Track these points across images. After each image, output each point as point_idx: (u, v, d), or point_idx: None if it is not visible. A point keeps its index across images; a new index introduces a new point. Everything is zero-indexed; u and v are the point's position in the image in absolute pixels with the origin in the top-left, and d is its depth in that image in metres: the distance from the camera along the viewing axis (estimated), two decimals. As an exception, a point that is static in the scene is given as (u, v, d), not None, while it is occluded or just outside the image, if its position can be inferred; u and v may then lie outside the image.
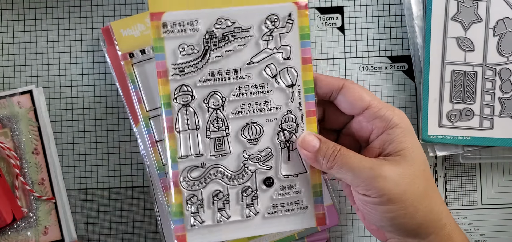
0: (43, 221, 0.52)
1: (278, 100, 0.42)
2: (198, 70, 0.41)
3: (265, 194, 0.43)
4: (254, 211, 0.43)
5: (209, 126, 0.42)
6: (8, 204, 0.50)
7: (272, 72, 0.42)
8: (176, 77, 0.41)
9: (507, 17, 0.51)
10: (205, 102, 0.42)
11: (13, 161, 0.51)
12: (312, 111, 0.42)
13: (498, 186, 0.55)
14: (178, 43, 0.41)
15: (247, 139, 0.42)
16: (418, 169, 0.39)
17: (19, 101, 0.52)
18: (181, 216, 0.42)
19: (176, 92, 0.41)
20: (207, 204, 0.42)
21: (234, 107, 0.42)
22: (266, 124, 0.42)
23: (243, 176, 0.42)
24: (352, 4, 0.54)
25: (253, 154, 0.42)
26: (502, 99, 0.51)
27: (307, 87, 0.42)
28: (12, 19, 0.54)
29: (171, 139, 0.42)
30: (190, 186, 0.42)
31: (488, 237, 0.55)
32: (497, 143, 0.51)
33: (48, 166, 0.52)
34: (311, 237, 0.52)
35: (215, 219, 0.42)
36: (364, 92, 0.41)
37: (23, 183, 0.51)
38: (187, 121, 0.42)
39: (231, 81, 0.42)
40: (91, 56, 0.54)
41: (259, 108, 0.42)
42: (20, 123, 0.52)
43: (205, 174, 0.42)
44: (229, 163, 0.42)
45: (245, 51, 0.42)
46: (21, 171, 0.52)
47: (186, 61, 0.41)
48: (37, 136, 0.52)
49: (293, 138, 0.42)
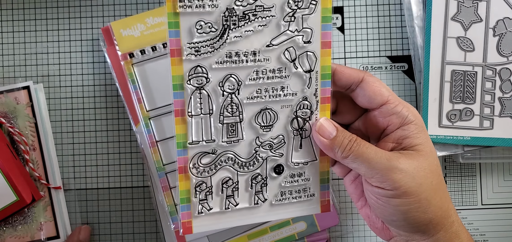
0: (39, 216, 0.52)
1: (295, 86, 0.40)
2: (215, 50, 0.38)
3: (274, 182, 0.42)
4: (262, 198, 0.42)
5: (223, 111, 0.40)
6: (27, 185, 0.50)
7: (291, 56, 0.40)
8: (191, 57, 0.38)
9: (507, 17, 0.51)
10: (220, 86, 0.39)
11: (23, 147, 0.51)
12: (327, 99, 0.41)
13: (498, 186, 0.55)
14: (195, 20, 0.38)
15: (261, 125, 0.41)
16: (432, 163, 0.39)
17: (16, 97, 0.52)
18: (187, 203, 0.41)
19: (191, 73, 0.38)
20: (216, 191, 0.41)
21: (250, 92, 0.40)
22: (281, 111, 0.41)
23: (254, 163, 0.41)
24: (352, 4, 0.54)
25: (266, 141, 0.41)
26: (502, 99, 0.51)
27: (325, 73, 0.40)
28: (12, 19, 0.54)
29: (182, 123, 0.39)
30: (199, 173, 0.40)
31: (488, 237, 0.55)
32: (497, 143, 0.51)
33: (45, 162, 0.52)
34: (311, 237, 0.52)
35: (223, 207, 0.41)
36: (383, 87, 0.41)
37: (32, 169, 0.51)
38: (200, 105, 0.39)
39: (249, 64, 0.39)
40: (91, 56, 0.54)
41: (275, 93, 0.40)
42: (17, 118, 0.52)
43: (216, 161, 0.41)
44: (241, 149, 0.41)
45: (265, 33, 0.39)
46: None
47: (202, 41, 0.38)
48: (34, 132, 0.52)
49: (307, 125, 0.41)
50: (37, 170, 0.52)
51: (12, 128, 0.51)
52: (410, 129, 0.40)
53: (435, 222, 0.39)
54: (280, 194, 0.42)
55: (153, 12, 0.52)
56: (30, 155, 0.51)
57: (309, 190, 0.42)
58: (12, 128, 0.51)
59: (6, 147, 0.50)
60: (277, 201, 0.42)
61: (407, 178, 0.38)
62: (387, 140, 0.41)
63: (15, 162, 0.50)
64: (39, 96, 0.53)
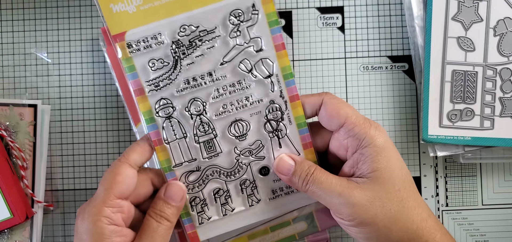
0: (15, 236, 0.51)
1: (259, 93, 0.42)
2: (173, 81, 0.41)
3: (263, 182, 0.44)
4: (256, 200, 0.44)
5: (196, 131, 0.42)
6: (22, 203, 0.50)
7: (247, 67, 0.41)
8: (153, 92, 0.41)
9: (507, 17, 0.51)
10: (187, 110, 0.42)
11: (21, 162, 0.51)
12: (296, 96, 0.42)
13: (498, 186, 0.55)
14: (147, 59, 0.41)
15: (235, 135, 0.42)
16: (391, 190, 0.38)
17: (21, 112, 0.52)
18: (188, 216, 0.44)
19: (157, 106, 0.41)
20: (210, 202, 0.43)
21: (216, 109, 0.42)
22: (251, 118, 0.42)
23: (238, 171, 0.43)
24: (353, 4, 0.54)
25: (244, 149, 0.43)
26: (503, 99, 0.51)
27: (286, 74, 0.42)
28: (12, 19, 0.54)
29: (162, 151, 0.42)
30: (190, 189, 0.43)
31: (489, 237, 0.55)
32: (497, 143, 0.51)
33: (34, 183, 0.51)
34: (311, 237, 0.52)
35: (221, 213, 0.44)
36: (341, 108, 0.39)
37: (27, 186, 0.51)
38: (173, 131, 0.42)
39: (208, 84, 0.41)
40: (91, 56, 0.54)
41: (241, 104, 0.42)
42: (18, 134, 0.51)
43: (202, 176, 0.43)
44: (223, 161, 0.43)
45: (216, 52, 0.41)
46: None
47: (159, 76, 0.41)
48: (31, 151, 0.52)
49: (281, 126, 0.42)
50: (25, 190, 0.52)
51: (13, 143, 0.51)
52: (367, 152, 0.38)
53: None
54: (271, 192, 0.44)
55: None
56: (26, 171, 0.51)
57: None
58: (13, 142, 0.51)
59: (6, 162, 0.50)
60: (271, 199, 0.44)
61: (360, 211, 0.37)
62: (347, 164, 0.40)
63: (13, 177, 0.50)
64: (45, 118, 0.52)
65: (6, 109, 0.51)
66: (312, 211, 0.52)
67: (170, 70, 0.41)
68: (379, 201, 0.37)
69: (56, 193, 0.54)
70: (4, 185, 0.48)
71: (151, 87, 0.41)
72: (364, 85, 0.54)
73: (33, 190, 0.51)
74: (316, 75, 0.54)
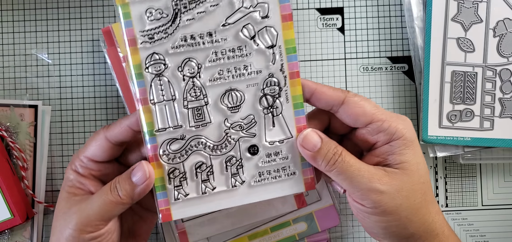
0: (16, 236, 0.51)
1: (258, 63, 0.39)
2: (169, 36, 0.38)
3: (250, 162, 0.40)
4: (240, 181, 0.41)
5: (186, 95, 0.39)
6: (22, 204, 0.50)
7: (250, 33, 0.39)
8: (146, 45, 0.38)
9: (507, 18, 0.51)
10: (179, 71, 0.38)
11: (21, 163, 0.51)
12: (296, 73, 0.40)
13: (498, 187, 0.55)
14: (144, 7, 0.37)
15: (228, 106, 0.39)
16: (417, 182, 0.39)
17: (22, 113, 0.52)
18: (163, 190, 0.40)
19: (147, 61, 0.38)
20: (190, 176, 0.40)
21: (211, 74, 0.39)
22: (247, 90, 0.39)
23: (226, 146, 0.40)
24: (352, 5, 0.54)
25: (235, 122, 0.40)
26: (502, 100, 0.51)
27: (289, 47, 0.39)
28: (12, 20, 0.54)
29: (146, 112, 0.39)
30: (170, 159, 0.39)
31: (489, 238, 0.55)
32: (497, 143, 0.51)
33: (34, 185, 0.51)
34: (311, 237, 0.52)
35: (200, 191, 0.40)
36: (366, 106, 0.39)
37: (27, 186, 0.51)
38: (161, 92, 0.38)
39: (206, 46, 0.38)
40: (92, 57, 0.54)
41: (238, 73, 0.39)
42: (18, 135, 0.51)
43: (186, 146, 0.40)
44: (210, 133, 0.40)
45: (219, 12, 0.38)
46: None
47: (155, 27, 0.38)
48: (31, 152, 0.52)
49: (277, 102, 0.40)
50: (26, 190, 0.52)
51: (13, 143, 0.51)
52: (397, 144, 0.39)
53: (417, 236, 0.39)
54: (258, 174, 0.41)
55: None
56: (26, 172, 0.51)
57: (288, 168, 0.41)
58: (13, 143, 0.51)
59: (6, 162, 0.50)
60: (256, 182, 0.41)
61: (386, 199, 0.38)
62: (374, 154, 0.40)
63: (13, 178, 0.50)
64: (45, 119, 0.52)
65: (6, 110, 0.51)
66: (312, 212, 0.52)
67: (168, 23, 0.38)
68: (405, 192, 0.38)
69: (57, 193, 0.54)
70: (5, 186, 0.48)
71: (144, 39, 0.38)
72: (364, 86, 0.54)
73: (34, 191, 0.51)
74: (316, 76, 0.54)
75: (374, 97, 0.54)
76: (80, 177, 0.40)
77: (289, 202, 0.51)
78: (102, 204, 0.38)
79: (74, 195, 0.40)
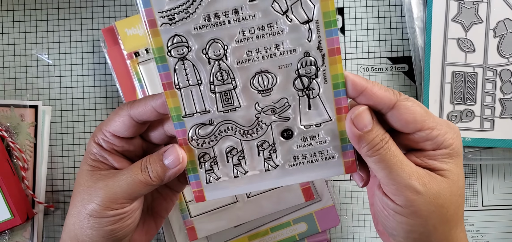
0: (16, 236, 0.51)
1: (292, 41, 0.35)
2: (191, 15, 0.34)
3: (284, 146, 0.37)
4: (274, 165, 0.38)
5: (213, 79, 0.36)
6: (23, 204, 0.50)
7: (282, 7, 0.34)
8: (166, 27, 0.34)
9: (507, 18, 0.51)
10: (204, 53, 0.35)
11: (22, 163, 0.51)
12: (336, 50, 0.35)
13: (499, 188, 0.55)
14: None
15: (258, 89, 0.36)
16: (454, 193, 0.37)
17: (22, 113, 0.52)
18: (195, 173, 0.38)
19: (169, 44, 0.35)
20: (221, 161, 0.38)
21: (239, 55, 0.35)
22: (279, 71, 0.36)
23: (257, 130, 0.37)
24: (353, 6, 0.55)
25: (267, 106, 0.36)
26: (503, 100, 0.51)
27: (328, 20, 0.34)
28: (12, 20, 0.54)
29: (172, 97, 0.36)
30: (200, 144, 0.37)
31: (489, 238, 0.55)
32: (497, 144, 0.51)
33: (34, 185, 0.51)
34: (312, 238, 0.52)
35: (232, 175, 0.38)
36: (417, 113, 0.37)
37: (27, 186, 0.51)
38: (186, 76, 0.36)
39: (232, 24, 0.35)
40: (92, 58, 0.54)
41: (269, 53, 0.35)
42: (18, 135, 0.51)
43: (215, 131, 0.37)
44: (240, 117, 0.37)
45: None
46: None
47: (174, 7, 0.34)
48: (32, 152, 0.52)
49: (313, 83, 0.36)
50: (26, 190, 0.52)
51: (14, 144, 0.51)
52: (441, 152, 0.37)
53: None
54: (292, 158, 0.38)
55: None
56: (27, 172, 0.51)
57: (326, 152, 0.38)
58: (14, 143, 0.51)
59: (6, 163, 0.50)
60: (290, 166, 0.38)
61: (421, 201, 0.36)
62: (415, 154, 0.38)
63: (14, 178, 0.50)
64: (45, 119, 0.53)
65: (7, 110, 0.52)
66: (312, 212, 0.52)
67: (189, 2, 0.34)
68: (441, 200, 0.36)
69: (57, 193, 0.54)
70: (5, 186, 0.48)
71: (164, 20, 0.34)
72: (364, 86, 0.54)
73: (34, 191, 0.51)
74: (316, 76, 0.54)
75: (374, 97, 0.54)
76: (103, 151, 0.39)
77: (297, 195, 0.51)
78: (131, 182, 0.37)
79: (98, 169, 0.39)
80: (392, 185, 0.36)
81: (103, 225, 0.37)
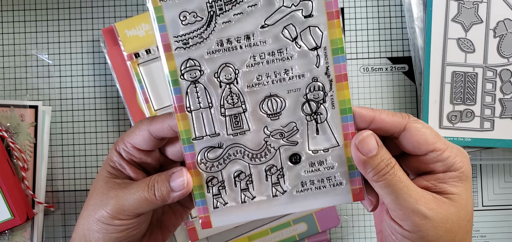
0: (16, 236, 0.51)
1: (301, 67, 0.36)
2: (205, 40, 0.36)
3: (291, 172, 0.38)
4: (281, 190, 0.39)
5: (223, 102, 0.37)
6: (23, 204, 0.50)
7: (292, 34, 0.36)
8: (181, 51, 0.36)
9: (507, 18, 0.51)
10: (216, 77, 0.36)
11: (22, 164, 0.51)
12: (343, 76, 0.36)
13: (499, 188, 0.55)
14: (178, 11, 0.35)
15: (267, 113, 0.37)
16: (463, 218, 0.37)
17: (22, 114, 0.52)
18: (202, 198, 0.39)
19: (182, 68, 0.36)
20: (228, 185, 0.38)
21: (249, 79, 0.36)
22: (288, 95, 0.37)
23: (265, 154, 0.38)
24: (353, 6, 0.55)
25: (276, 130, 0.37)
26: (503, 100, 0.51)
27: (336, 48, 0.36)
28: (12, 21, 0.54)
29: (183, 119, 0.37)
30: (208, 168, 0.38)
31: (489, 238, 0.55)
32: (497, 144, 0.51)
33: (34, 185, 0.52)
34: (311, 238, 0.52)
35: (239, 200, 0.39)
36: (428, 135, 0.37)
37: (27, 187, 0.51)
38: (198, 99, 0.37)
39: (244, 49, 0.36)
40: (92, 58, 0.54)
41: (278, 78, 0.36)
42: (18, 135, 0.51)
43: (224, 154, 0.38)
44: (249, 141, 0.38)
45: (257, 13, 0.35)
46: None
47: (189, 32, 0.36)
48: (32, 153, 0.52)
49: (321, 109, 0.37)
50: (26, 191, 0.52)
51: (13, 144, 0.51)
52: (450, 175, 0.37)
53: None
54: (300, 184, 0.38)
55: None
56: (27, 172, 0.51)
57: (334, 178, 0.38)
58: (14, 143, 0.51)
59: (6, 163, 0.50)
60: (298, 192, 0.39)
61: (429, 226, 0.35)
62: (424, 178, 0.38)
63: (14, 179, 0.50)
64: (45, 119, 0.53)
65: (7, 111, 0.52)
66: (312, 212, 0.52)
67: (203, 27, 0.36)
68: (449, 225, 0.36)
69: (57, 194, 0.54)
70: (5, 186, 0.48)
71: (179, 44, 0.36)
72: (364, 86, 0.54)
73: (34, 191, 0.51)
74: (316, 76, 0.54)
75: (374, 97, 0.54)
76: (122, 160, 0.40)
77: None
78: (137, 198, 0.38)
79: (115, 176, 0.40)
80: (399, 210, 0.36)
81: (110, 231, 0.39)
